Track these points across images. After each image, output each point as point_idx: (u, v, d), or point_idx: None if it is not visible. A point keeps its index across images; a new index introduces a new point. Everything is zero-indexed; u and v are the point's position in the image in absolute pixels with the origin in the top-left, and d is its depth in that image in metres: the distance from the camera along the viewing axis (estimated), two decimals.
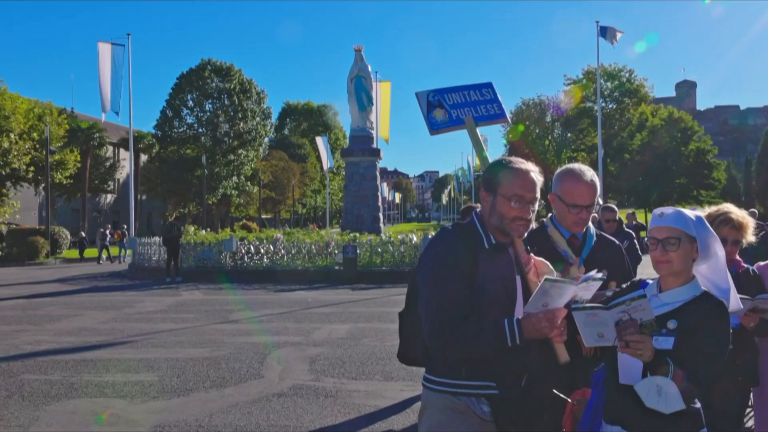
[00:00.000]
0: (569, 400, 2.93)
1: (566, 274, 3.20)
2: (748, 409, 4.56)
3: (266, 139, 69.71)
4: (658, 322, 2.61)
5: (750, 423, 4.85)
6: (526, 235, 2.91)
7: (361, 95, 28.29)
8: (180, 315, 14.25)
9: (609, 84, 72.72)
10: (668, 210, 2.81)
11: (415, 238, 22.78)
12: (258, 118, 63.62)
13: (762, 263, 4.22)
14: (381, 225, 28.93)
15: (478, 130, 3.52)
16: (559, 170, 3.51)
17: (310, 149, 72.14)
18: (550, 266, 3.00)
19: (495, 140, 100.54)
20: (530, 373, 2.83)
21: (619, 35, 31.14)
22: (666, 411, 2.58)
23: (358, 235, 23.43)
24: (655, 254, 2.77)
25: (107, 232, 36.60)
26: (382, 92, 32.54)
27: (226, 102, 61.22)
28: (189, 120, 61.69)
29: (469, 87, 3.71)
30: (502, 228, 2.85)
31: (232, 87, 61.05)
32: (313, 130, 76.66)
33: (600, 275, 2.74)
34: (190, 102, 61.33)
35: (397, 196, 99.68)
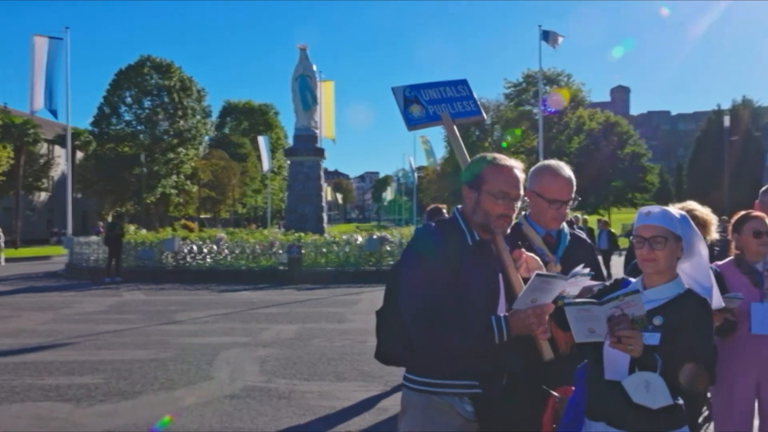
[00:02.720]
0: (554, 393, 2.90)
1: None
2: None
3: (206, 138, 68.75)
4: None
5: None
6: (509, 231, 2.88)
7: (306, 94, 28.07)
8: (122, 316, 13.90)
9: (548, 88, 73.96)
10: (654, 209, 2.82)
11: (360, 239, 22.71)
12: (198, 117, 62.66)
13: (721, 262, 4.29)
14: (325, 225, 28.78)
15: (455, 126, 3.49)
16: (535, 166, 3.50)
17: (250, 148, 71.32)
18: (540, 261, 2.98)
19: (436, 141, 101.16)
20: (511, 371, 2.80)
21: (560, 39, 31.72)
22: (653, 406, 2.58)
23: (302, 234, 23.24)
24: (641, 252, 2.78)
25: None
26: (325, 92, 32.39)
27: (165, 99, 60.06)
28: (127, 117, 60.33)
29: (445, 83, 3.69)
30: (486, 225, 2.81)
31: (171, 84, 59.92)
32: (254, 129, 75.81)
33: (587, 271, 2.74)
34: (128, 99, 59.99)
35: (338, 197, 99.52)
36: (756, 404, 4.18)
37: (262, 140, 47.87)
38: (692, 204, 4.22)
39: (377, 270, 21.12)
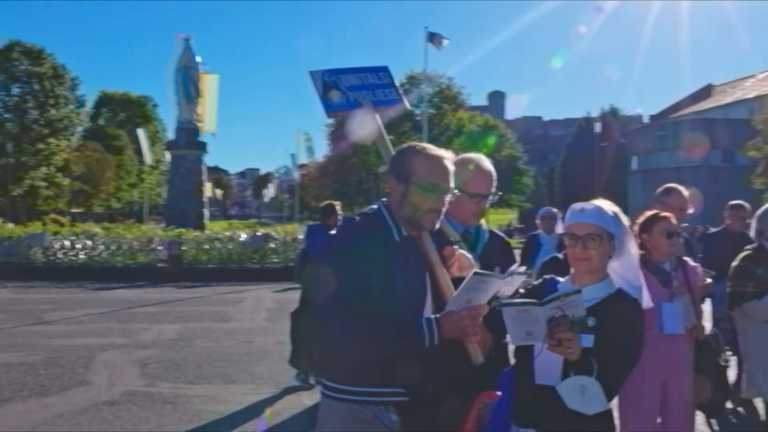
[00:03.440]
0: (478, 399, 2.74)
1: None
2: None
3: (79, 129, 65.49)
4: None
5: None
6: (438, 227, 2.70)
7: (189, 87, 27.19)
8: None
9: (430, 90, 75.07)
10: (588, 206, 2.70)
11: (243, 236, 22.17)
12: (71, 106, 59.54)
13: None
14: (206, 221, 27.98)
15: (377, 116, 3.28)
16: (455, 160, 3.34)
17: (127, 141, 68.58)
18: (472, 260, 2.81)
19: (318, 138, 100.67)
20: (436, 377, 2.62)
21: (445, 42, 32.10)
22: (588, 412, 2.47)
23: (183, 230, 22.44)
24: (574, 251, 2.65)
25: None
26: (209, 85, 31.44)
27: (35, 87, 56.65)
28: None
29: (365, 69, 3.48)
30: (414, 220, 2.62)
31: (43, 72, 56.57)
32: (131, 121, 72.90)
33: (523, 269, 2.57)
34: None
35: (218, 193, 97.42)
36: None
37: (141, 133, 46.04)
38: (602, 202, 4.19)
39: (261, 267, 20.70)
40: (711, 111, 61.61)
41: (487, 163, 3.25)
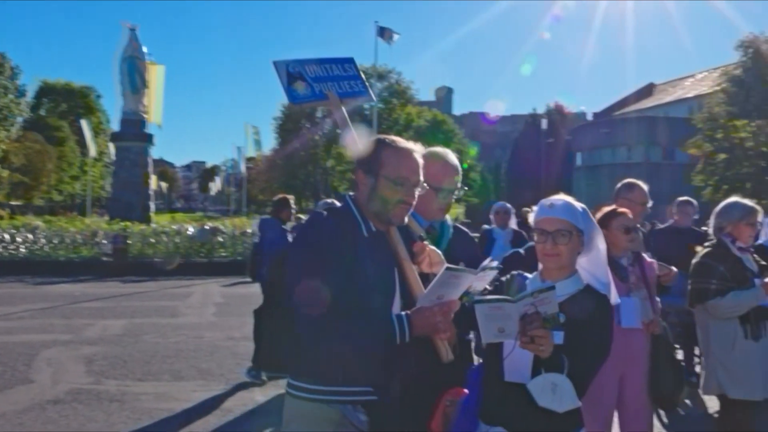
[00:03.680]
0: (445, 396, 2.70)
1: None
2: None
3: (19, 119, 63.60)
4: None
5: None
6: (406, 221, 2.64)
7: (135, 77, 26.62)
8: None
9: (379, 84, 75.07)
10: (557, 201, 2.67)
11: (191, 229, 21.82)
12: (11, 96, 57.80)
13: None
14: (152, 214, 27.46)
15: (343, 107, 3.21)
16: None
17: (69, 132, 66.79)
18: (442, 255, 2.76)
19: (266, 131, 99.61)
20: (404, 375, 2.56)
21: (396, 37, 32.09)
22: (560, 409, 2.45)
23: (128, 223, 21.96)
24: (544, 247, 2.62)
25: None
26: (155, 75, 30.85)
27: None
28: None
29: (331, 60, 3.40)
30: (383, 213, 2.56)
31: None
32: (74, 112, 71.02)
33: (495, 264, 2.53)
34: None
35: (163, 186, 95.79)
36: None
37: (85, 124, 44.91)
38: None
39: (209, 262, 20.41)
40: (652, 109, 62.98)
41: (453, 158, 3.21)
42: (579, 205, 2.69)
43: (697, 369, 7.27)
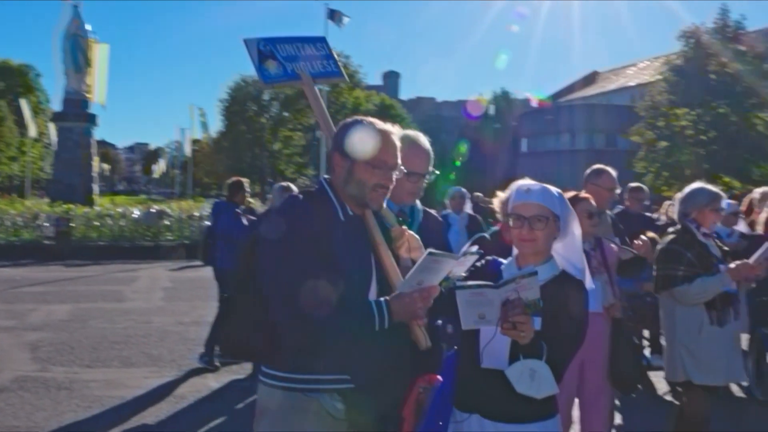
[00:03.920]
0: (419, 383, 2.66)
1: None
2: None
3: None
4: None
5: None
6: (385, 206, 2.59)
7: (78, 55, 25.84)
8: None
9: None
10: (534, 186, 2.65)
11: (137, 212, 21.38)
12: None
13: None
14: (95, 196, 26.80)
15: (316, 87, 3.13)
16: None
17: (6, 112, 64.65)
18: (420, 241, 2.72)
19: (213, 113, 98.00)
20: (381, 362, 2.52)
21: (345, 20, 31.82)
22: (538, 396, 2.44)
23: (71, 206, 21.38)
24: (520, 232, 2.60)
25: None
26: (99, 54, 29.99)
27: None
28: None
29: (302, 39, 3.31)
30: (360, 197, 2.50)
31: None
32: (12, 90, 68.76)
33: (475, 249, 2.49)
34: None
35: (105, 167, 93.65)
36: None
37: (24, 103, 43.48)
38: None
39: (155, 245, 20.03)
40: (596, 97, 63.98)
41: (425, 141, 3.17)
42: (555, 191, 2.68)
43: (646, 352, 7.43)
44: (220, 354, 7.60)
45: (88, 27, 27.39)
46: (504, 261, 2.75)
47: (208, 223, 9.86)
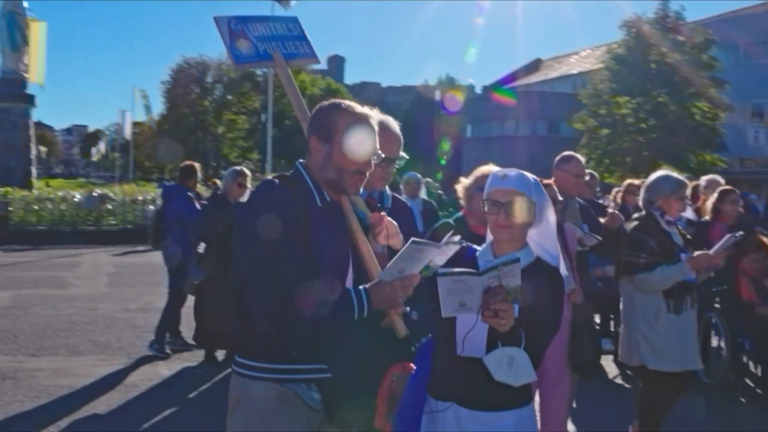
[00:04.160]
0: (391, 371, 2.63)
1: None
2: None
3: None
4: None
5: None
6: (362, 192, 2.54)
7: (15, 33, 24.92)
8: None
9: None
10: (511, 171, 2.62)
11: (78, 196, 20.83)
12: None
13: None
14: (34, 179, 26.00)
15: (288, 69, 3.05)
16: None
17: None
18: (398, 228, 2.67)
19: (155, 96, 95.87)
20: (356, 350, 2.48)
21: (293, 2, 31.42)
22: (516, 383, 2.43)
23: (9, 189, 20.69)
24: (497, 219, 2.57)
25: None
26: (36, 33, 28.95)
27: None
28: None
29: (274, 19, 3.22)
30: (338, 183, 2.43)
31: None
32: None
33: (457, 238, 2.44)
34: None
35: (42, 150, 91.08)
36: None
37: None
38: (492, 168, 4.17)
39: (97, 230, 19.58)
40: (539, 84, 64.74)
41: (395, 125, 3.12)
42: (531, 177, 2.66)
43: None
44: (171, 341, 7.48)
45: (25, 4, 26.47)
46: (478, 248, 2.72)
47: (151, 207, 9.65)
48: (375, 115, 2.57)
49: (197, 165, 7.83)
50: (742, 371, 6.76)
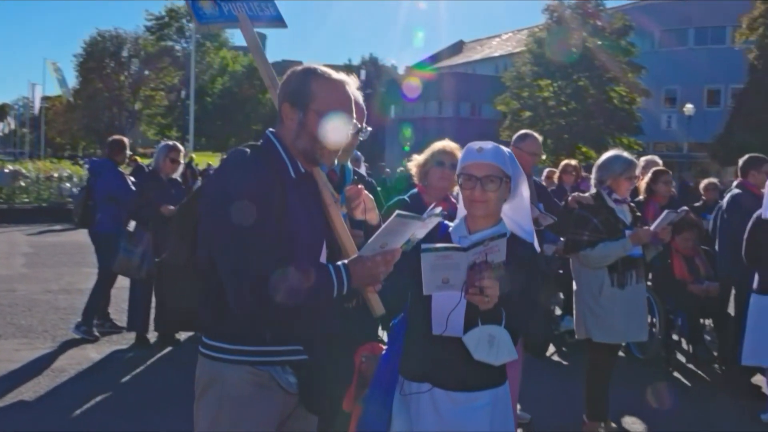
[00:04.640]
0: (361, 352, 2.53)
1: None
2: None
3: None
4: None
5: None
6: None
7: None
8: None
9: (191, 25, 71.76)
10: (486, 145, 2.52)
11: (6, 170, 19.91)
12: None
13: None
14: None
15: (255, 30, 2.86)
16: None
17: None
18: (374, 201, 2.54)
19: (69, 69, 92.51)
20: (331, 331, 2.35)
21: None
22: (496, 362, 2.36)
23: None
24: (472, 193, 2.48)
25: None
26: None
27: None
28: None
29: None
30: (312, 153, 2.27)
31: None
32: None
33: (439, 210, 2.32)
34: None
35: None
36: None
37: None
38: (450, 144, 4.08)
39: (9, 208, 18.71)
40: (462, 66, 65.29)
41: (359, 95, 2.98)
42: (506, 150, 2.57)
43: None
44: (99, 323, 7.18)
45: None
46: (450, 224, 2.62)
47: (67, 185, 9.19)
48: (351, 81, 2.43)
49: (126, 139, 7.49)
50: (673, 347, 6.95)
